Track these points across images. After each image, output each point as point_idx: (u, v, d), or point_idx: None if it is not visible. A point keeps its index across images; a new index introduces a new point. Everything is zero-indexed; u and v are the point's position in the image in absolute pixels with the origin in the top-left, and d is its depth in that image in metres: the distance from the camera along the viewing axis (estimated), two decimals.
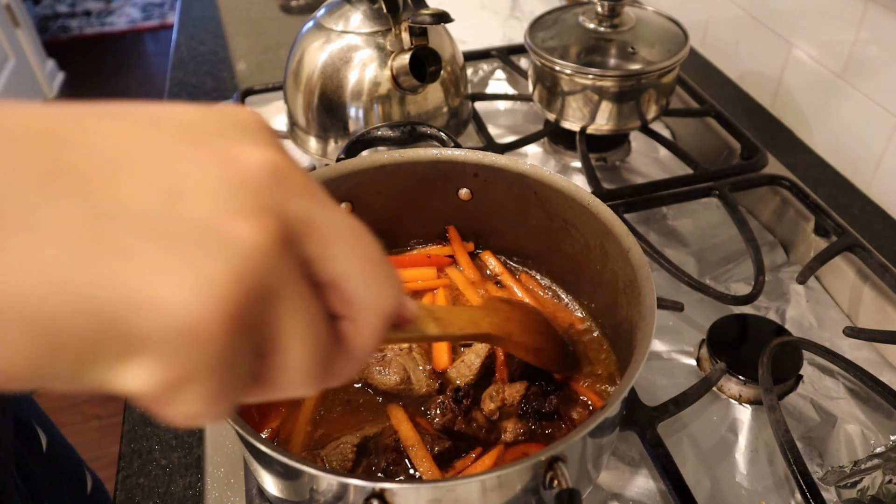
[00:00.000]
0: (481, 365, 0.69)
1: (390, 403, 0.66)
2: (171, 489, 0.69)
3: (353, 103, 0.93)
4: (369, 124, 0.93)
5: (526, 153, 1.14)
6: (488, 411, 0.65)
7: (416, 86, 0.90)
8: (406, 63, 0.87)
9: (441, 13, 0.83)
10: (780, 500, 0.67)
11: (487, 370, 0.69)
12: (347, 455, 0.61)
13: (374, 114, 0.93)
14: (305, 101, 0.95)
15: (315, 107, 0.94)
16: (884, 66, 0.95)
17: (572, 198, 0.71)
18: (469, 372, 0.68)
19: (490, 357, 0.70)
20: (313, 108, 0.95)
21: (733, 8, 1.24)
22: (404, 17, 0.88)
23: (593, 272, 0.73)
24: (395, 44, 0.91)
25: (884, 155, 0.98)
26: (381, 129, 0.80)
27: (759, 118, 1.19)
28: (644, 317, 0.59)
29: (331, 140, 0.97)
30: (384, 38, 0.92)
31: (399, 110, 0.94)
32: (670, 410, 0.69)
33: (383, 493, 0.48)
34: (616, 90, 0.98)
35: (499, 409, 0.66)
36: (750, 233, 0.89)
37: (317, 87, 0.93)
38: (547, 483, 0.49)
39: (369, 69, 0.91)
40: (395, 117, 0.94)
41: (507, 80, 1.30)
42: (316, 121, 0.96)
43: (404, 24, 0.87)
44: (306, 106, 0.95)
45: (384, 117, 0.93)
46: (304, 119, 0.97)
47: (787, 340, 0.75)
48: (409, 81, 0.88)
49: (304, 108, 0.96)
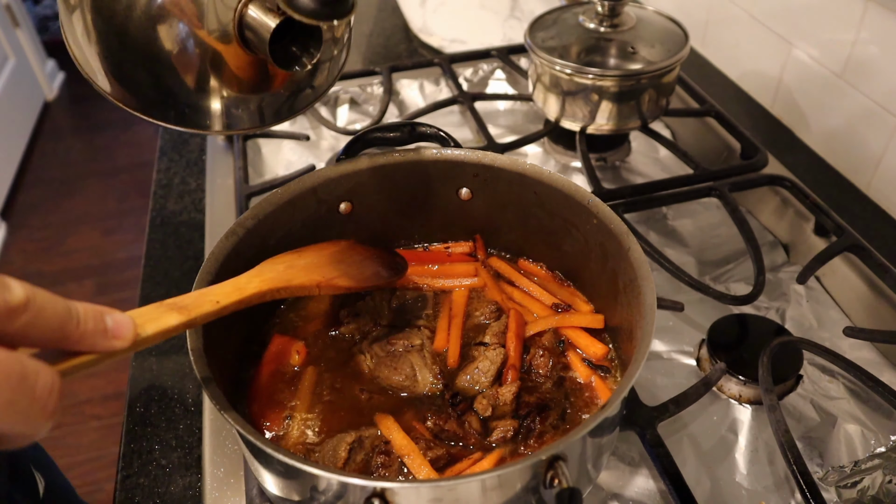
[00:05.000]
0: (496, 371, 0.68)
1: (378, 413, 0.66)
2: (171, 489, 0.69)
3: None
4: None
5: (526, 153, 1.14)
6: (481, 410, 0.65)
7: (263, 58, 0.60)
8: (267, 28, 0.57)
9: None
10: (780, 500, 0.67)
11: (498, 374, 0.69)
12: (340, 454, 0.61)
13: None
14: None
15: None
16: (884, 66, 0.95)
17: (572, 197, 0.71)
18: (485, 379, 0.68)
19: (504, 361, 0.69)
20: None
21: (733, 8, 1.24)
22: None
23: (593, 272, 0.73)
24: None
25: (884, 155, 0.98)
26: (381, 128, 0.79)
27: (759, 118, 1.19)
28: (644, 317, 0.59)
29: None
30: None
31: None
32: (670, 410, 0.69)
33: (384, 492, 0.48)
34: (616, 90, 0.98)
35: (492, 406, 0.66)
36: (750, 233, 0.89)
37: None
38: (547, 482, 0.49)
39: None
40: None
41: (507, 80, 1.30)
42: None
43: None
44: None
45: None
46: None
47: (787, 340, 0.75)
48: (262, 47, 0.58)
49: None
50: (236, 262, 0.67)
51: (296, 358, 0.71)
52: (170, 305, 0.51)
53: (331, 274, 0.67)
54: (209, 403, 0.75)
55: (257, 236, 0.70)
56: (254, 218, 0.69)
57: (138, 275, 0.94)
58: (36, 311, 0.36)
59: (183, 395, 0.78)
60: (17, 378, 0.34)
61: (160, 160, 1.15)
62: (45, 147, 3.43)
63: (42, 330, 0.37)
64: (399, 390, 0.68)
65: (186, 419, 0.76)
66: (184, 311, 0.51)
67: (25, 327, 0.36)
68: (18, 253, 2.83)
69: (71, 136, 3.53)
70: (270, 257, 0.68)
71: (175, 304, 0.51)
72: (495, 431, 0.64)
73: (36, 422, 0.35)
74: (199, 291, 0.56)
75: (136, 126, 3.51)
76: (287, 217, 0.73)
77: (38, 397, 0.35)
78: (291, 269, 0.65)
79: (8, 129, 3.19)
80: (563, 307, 0.76)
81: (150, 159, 3.10)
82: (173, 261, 0.95)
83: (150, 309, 0.49)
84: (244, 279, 0.61)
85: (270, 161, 1.13)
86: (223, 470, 0.70)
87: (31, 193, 3.14)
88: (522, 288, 0.79)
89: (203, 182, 1.09)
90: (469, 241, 0.84)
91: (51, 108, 3.69)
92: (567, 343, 0.72)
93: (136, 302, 0.90)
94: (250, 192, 0.97)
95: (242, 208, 0.95)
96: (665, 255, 0.86)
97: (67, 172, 3.27)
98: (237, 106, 0.66)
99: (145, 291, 0.91)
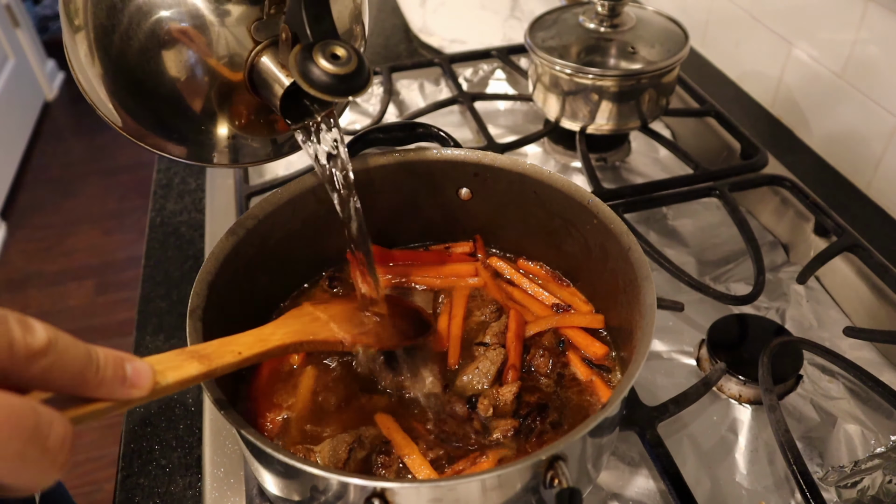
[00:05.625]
0: (497, 371, 0.69)
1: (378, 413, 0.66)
2: (171, 489, 0.69)
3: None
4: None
5: (526, 153, 1.14)
6: (483, 410, 0.65)
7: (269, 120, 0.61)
8: (281, 85, 0.56)
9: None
10: (780, 500, 0.67)
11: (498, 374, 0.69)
12: (340, 454, 0.61)
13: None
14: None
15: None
16: (884, 66, 0.95)
17: (572, 198, 0.71)
18: (486, 379, 0.68)
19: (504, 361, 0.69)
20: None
21: (733, 8, 1.24)
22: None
23: (593, 272, 0.73)
24: (263, 31, 0.58)
25: (884, 155, 0.98)
26: (381, 128, 0.79)
27: (759, 118, 1.19)
28: (644, 317, 0.59)
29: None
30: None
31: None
32: (670, 410, 0.69)
33: (384, 492, 0.48)
34: (616, 90, 0.98)
35: (493, 407, 0.66)
36: (750, 233, 0.89)
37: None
38: (547, 482, 0.49)
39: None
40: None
41: (507, 80, 1.30)
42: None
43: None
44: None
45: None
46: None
47: (787, 340, 0.75)
48: (272, 101, 0.58)
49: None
50: (236, 262, 0.67)
51: (295, 358, 0.71)
52: (191, 353, 0.49)
53: (355, 330, 0.65)
54: (209, 403, 0.75)
55: (257, 236, 0.70)
56: (254, 218, 0.69)
57: (138, 275, 0.94)
58: (57, 355, 0.34)
59: (183, 395, 0.78)
60: (31, 429, 0.32)
61: (160, 160, 1.15)
62: (45, 147, 3.43)
63: (61, 375, 0.35)
64: (399, 390, 0.68)
65: (186, 419, 0.76)
66: (205, 361, 0.49)
67: (45, 371, 0.34)
68: (18, 253, 2.83)
69: (71, 136, 3.53)
70: (293, 309, 0.66)
71: (197, 352, 0.50)
72: (495, 431, 0.64)
73: (45, 474, 0.33)
74: (220, 340, 0.54)
75: None
76: (287, 217, 0.73)
77: (49, 448, 0.33)
78: (316, 323, 0.64)
79: (8, 129, 3.19)
80: (563, 307, 0.76)
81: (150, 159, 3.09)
82: (173, 261, 0.95)
83: (171, 356, 0.48)
84: (268, 330, 0.59)
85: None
86: (223, 470, 0.69)
87: (31, 193, 3.14)
88: (522, 288, 0.79)
89: (203, 182, 1.09)
90: (469, 241, 0.84)
91: (51, 108, 3.69)
92: (567, 343, 0.72)
93: (135, 302, 0.90)
94: (250, 192, 0.97)
95: (242, 208, 0.95)
96: (665, 255, 0.86)
97: (67, 172, 3.27)
98: (242, 142, 0.64)
99: (145, 291, 0.91)
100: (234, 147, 0.64)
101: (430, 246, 0.84)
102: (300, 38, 0.52)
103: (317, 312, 0.66)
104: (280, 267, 0.75)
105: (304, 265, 0.79)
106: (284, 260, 0.75)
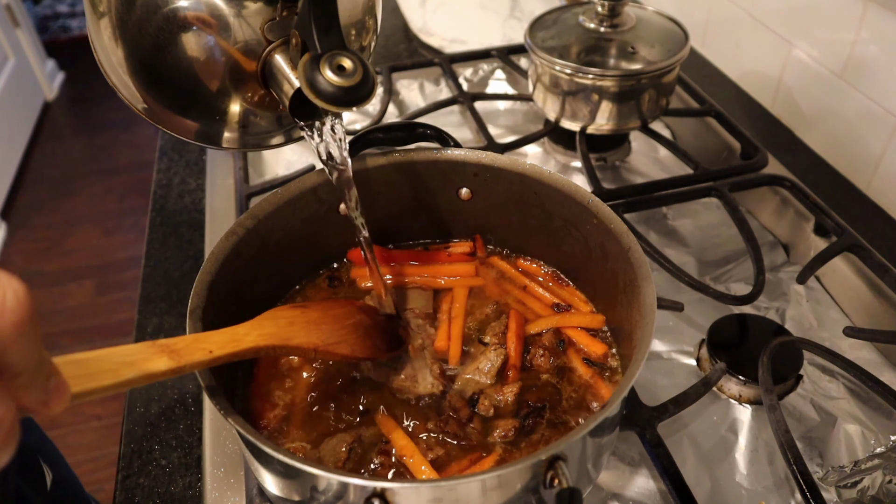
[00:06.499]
0: (497, 371, 0.68)
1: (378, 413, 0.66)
2: (171, 489, 0.69)
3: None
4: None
5: (526, 153, 1.14)
6: (483, 410, 0.65)
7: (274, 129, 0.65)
8: (291, 86, 0.58)
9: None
10: (780, 500, 0.67)
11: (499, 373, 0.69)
12: (340, 454, 0.61)
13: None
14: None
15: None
16: (884, 66, 0.95)
17: (572, 198, 0.71)
18: (486, 379, 0.68)
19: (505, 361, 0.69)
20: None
21: (733, 8, 1.24)
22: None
23: (593, 272, 0.73)
24: (275, 31, 0.60)
25: (883, 155, 0.98)
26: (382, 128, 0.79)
27: (759, 118, 1.19)
28: (644, 317, 0.59)
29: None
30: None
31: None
32: (670, 410, 0.69)
33: (384, 492, 0.48)
34: (616, 90, 0.98)
35: (493, 406, 0.66)
36: (750, 233, 0.89)
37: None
38: (547, 482, 0.49)
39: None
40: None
41: (507, 80, 1.30)
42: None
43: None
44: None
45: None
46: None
47: (787, 340, 0.75)
48: (282, 100, 0.60)
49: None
50: (236, 262, 0.67)
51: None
52: (162, 347, 0.49)
53: (330, 339, 0.64)
54: (209, 403, 0.75)
55: (257, 236, 0.70)
56: (254, 218, 0.69)
57: (138, 275, 0.94)
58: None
59: (183, 395, 0.78)
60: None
61: (160, 160, 1.15)
62: (45, 147, 3.43)
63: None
64: (400, 390, 0.68)
65: (186, 419, 0.76)
66: (175, 357, 0.49)
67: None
68: (18, 253, 2.83)
69: (71, 136, 3.53)
70: (272, 308, 0.65)
71: (168, 346, 0.49)
72: (496, 431, 0.64)
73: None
74: (194, 336, 0.54)
75: (136, 126, 3.51)
76: (287, 217, 0.73)
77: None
78: (292, 327, 0.62)
79: (8, 129, 3.19)
80: (563, 307, 0.76)
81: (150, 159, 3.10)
82: (173, 261, 0.95)
83: (142, 347, 0.47)
84: (242, 330, 0.58)
85: (270, 161, 1.13)
86: (223, 470, 0.69)
87: (31, 193, 3.14)
88: (523, 287, 0.79)
89: (203, 182, 1.09)
90: (469, 240, 0.84)
91: (51, 108, 3.69)
92: (567, 343, 0.72)
93: (135, 302, 0.90)
94: (250, 192, 0.97)
95: (242, 208, 0.95)
96: (665, 255, 0.86)
97: (67, 172, 3.27)
98: (254, 126, 0.67)
99: (145, 291, 0.91)
100: (247, 131, 0.67)
101: (430, 246, 0.84)
102: (309, 47, 0.54)
103: (296, 316, 0.64)
104: (280, 267, 0.75)
105: (303, 265, 0.79)
106: (284, 260, 0.75)
